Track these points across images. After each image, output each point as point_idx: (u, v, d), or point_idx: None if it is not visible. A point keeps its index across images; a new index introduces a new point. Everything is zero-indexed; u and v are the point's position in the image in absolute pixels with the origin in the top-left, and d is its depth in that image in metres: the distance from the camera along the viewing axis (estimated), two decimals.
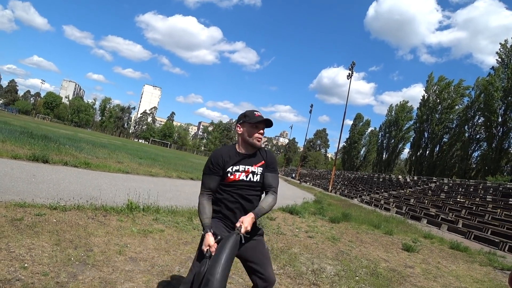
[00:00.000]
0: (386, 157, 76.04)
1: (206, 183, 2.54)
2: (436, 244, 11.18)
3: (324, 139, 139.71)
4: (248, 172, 2.55)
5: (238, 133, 2.61)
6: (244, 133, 2.58)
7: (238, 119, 2.65)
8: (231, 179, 2.51)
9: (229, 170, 2.52)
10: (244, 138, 2.58)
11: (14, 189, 6.30)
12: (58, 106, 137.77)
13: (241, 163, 2.55)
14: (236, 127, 2.64)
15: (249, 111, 2.63)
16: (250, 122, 2.55)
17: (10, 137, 14.61)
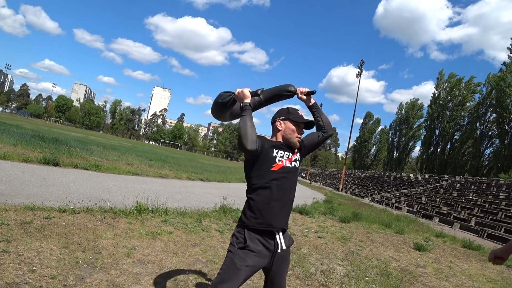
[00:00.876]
0: (397, 155, 75.48)
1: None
2: (448, 243, 11.04)
3: (334, 138, 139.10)
4: (291, 159, 2.45)
5: (278, 129, 2.51)
6: (286, 129, 2.49)
7: (279, 114, 2.54)
8: (279, 165, 2.37)
9: (275, 154, 2.39)
10: (285, 135, 2.48)
11: (25, 192, 6.36)
12: (70, 109, 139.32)
13: (284, 150, 2.44)
14: (276, 121, 2.52)
15: (291, 108, 2.56)
16: (294, 120, 2.48)
17: (22, 140, 14.78)
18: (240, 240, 2.28)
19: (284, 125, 2.49)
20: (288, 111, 2.51)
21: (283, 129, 2.49)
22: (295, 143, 2.48)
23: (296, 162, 2.47)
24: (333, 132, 2.72)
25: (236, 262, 2.22)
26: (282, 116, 2.51)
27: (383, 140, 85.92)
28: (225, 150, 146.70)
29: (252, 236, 2.28)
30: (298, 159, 2.51)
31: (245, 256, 2.24)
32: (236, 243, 2.30)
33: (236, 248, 2.28)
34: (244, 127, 2.28)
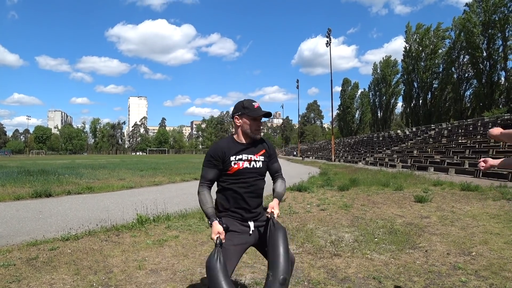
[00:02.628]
0: (381, 115, 76.24)
1: (205, 175, 2.50)
2: (447, 189, 11.27)
3: (317, 111, 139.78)
4: (251, 160, 2.51)
5: (237, 125, 2.54)
6: (243, 125, 2.51)
7: (236, 109, 2.55)
8: (235, 168, 2.47)
9: (232, 159, 2.47)
10: (244, 130, 2.52)
11: (24, 229, 6.31)
12: (49, 138, 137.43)
13: (243, 153, 2.50)
14: (234, 118, 2.55)
15: (247, 101, 2.54)
16: (250, 115, 2.49)
17: (9, 179, 14.59)
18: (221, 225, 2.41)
19: (241, 120, 2.51)
20: (243, 106, 2.51)
21: (241, 125, 2.51)
22: (255, 136, 2.53)
23: (257, 163, 2.53)
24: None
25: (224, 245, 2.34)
26: (238, 111, 2.53)
27: (365, 103, 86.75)
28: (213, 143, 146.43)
29: (229, 220, 2.46)
30: (261, 160, 2.56)
31: (230, 237, 2.39)
32: None
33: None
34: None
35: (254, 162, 2.52)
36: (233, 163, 2.46)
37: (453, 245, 4.92)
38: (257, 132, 2.53)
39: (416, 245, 4.94)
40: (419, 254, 4.53)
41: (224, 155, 2.46)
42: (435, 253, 4.54)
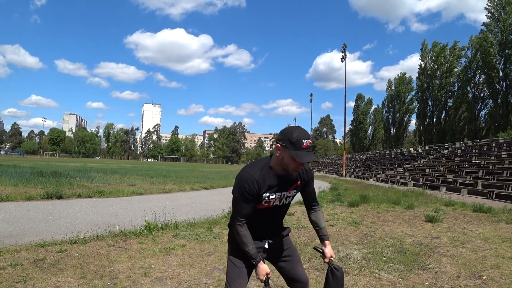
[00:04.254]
0: (394, 132, 75.60)
1: (241, 211, 2.22)
2: (458, 210, 11.09)
3: (330, 126, 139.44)
4: (282, 198, 2.31)
5: (277, 154, 2.21)
6: (284, 159, 2.18)
7: (282, 138, 2.18)
8: (264, 206, 2.28)
9: (264, 197, 2.24)
10: (282, 163, 2.21)
11: (33, 230, 6.36)
12: (63, 140, 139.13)
13: (277, 190, 2.27)
14: (276, 146, 2.22)
15: (297, 134, 2.15)
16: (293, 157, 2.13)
17: (21, 179, 14.76)
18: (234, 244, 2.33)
19: (283, 153, 2.18)
20: (291, 141, 2.13)
21: (281, 157, 2.20)
22: (291, 174, 2.25)
23: (287, 199, 2.37)
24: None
25: (236, 264, 2.30)
26: (283, 143, 2.17)
27: (378, 119, 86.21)
28: (224, 155, 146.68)
29: None
30: (292, 195, 2.38)
31: (241, 256, 2.29)
32: (230, 242, 2.38)
33: (230, 247, 2.37)
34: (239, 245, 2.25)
35: (285, 199, 2.34)
36: (264, 201, 2.26)
37: (464, 267, 4.82)
38: (295, 171, 2.24)
39: (426, 266, 4.85)
40: (428, 275, 4.44)
41: (259, 190, 2.21)
42: (444, 275, 4.45)
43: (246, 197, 2.19)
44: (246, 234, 2.21)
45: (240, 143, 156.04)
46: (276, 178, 2.25)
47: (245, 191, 2.18)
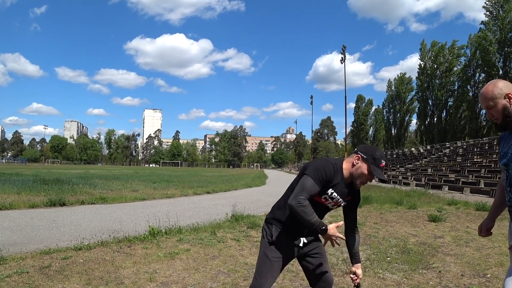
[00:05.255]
0: (395, 132, 75.57)
1: (310, 189, 2.23)
2: (461, 209, 11.09)
3: (331, 127, 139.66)
4: (338, 202, 2.39)
5: (354, 163, 2.34)
6: (359, 168, 2.31)
7: (365, 152, 2.33)
8: (322, 201, 2.36)
9: (329, 192, 2.32)
10: (354, 172, 2.33)
11: (37, 238, 6.38)
12: (65, 147, 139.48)
13: (340, 192, 2.35)
14: (357, 155, 2.34)
15: (379, 153, 2.32)
16: (371, 170, 2.28)
17: (24, 187, 14.79)
18: (269, 234, 2.42)
19: (361, 164, 2.31)
20: (374, 156, 2.28)
21: (357, 166, 2.32)
22: (357, 185, 2.36)
23: (338, 206, 2.46)
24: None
25: (268, 255, 2.37)
26: (365, 155, 2.31)
27: (378, 120, 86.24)
28: (225, 159, 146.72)
29: (280, 232, 2.41)
30: (343, 205, 2.44)
31: (275, 249, 2.37)
32: (266, 236, 2.43)
33: (266, 241, 2.41)
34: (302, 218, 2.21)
35: (337, 205, 2.43)
36: (326, 196, 2.33)
37: (468, 266, 4.83)
38: (362, 183, 2.36)
39: (430, 265, 4.86)
40: (432, 274, 4.45)
41: (331, 180, 2.30)
42: (449, 274, 4.46)
43: (320, 180, 2.25)
44: (308, 204, 2.18)
45: (242, 146, 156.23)
46: (343, 181, 2.35)
47: (322, 174, 2.26)
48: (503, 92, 1.99)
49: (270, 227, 2.44)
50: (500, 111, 2.01)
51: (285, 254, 2.41)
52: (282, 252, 2.38)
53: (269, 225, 2.45)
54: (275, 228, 2.41)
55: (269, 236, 2.40)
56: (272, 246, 2.37)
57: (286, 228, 2.41)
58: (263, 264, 2.38)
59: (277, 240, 2.38)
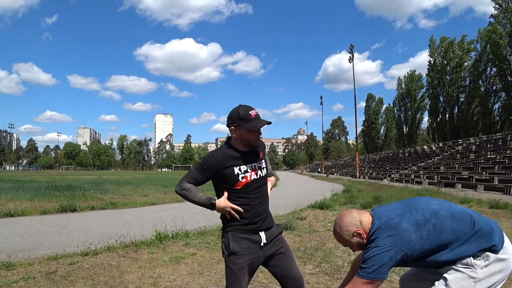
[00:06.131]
0: (406, 130, 74.79)
1: (195, 176, 2.34)
2: (474, 206, 10.92)
3: (342, 127, 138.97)
4: (257, 169, 2.41)
5: (234, 135, 2.38)
6: (242, 136, 2.34)
7: (232, 120, 2.34)
8: (243, 182, 2.34)
9: (238, 172, 2.33)
10: (242, 140, 2.36)
11: (46, 243, 6.46)
12: (78, 154, 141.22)
13: (247, 162, 2.37)
14: (230, 129, 2.37)
15: (243, 110, 2.32)
16: (248, 128, 2.30)
17: (37, 194, 15.02)
18: (225, 247, 2.35)
19: (238, 132, 2.34)
20: (240, 117, 2.30)
21: (238, 136, 2.36)
22: (254, 145, 2.39)
23: (262, 171, 2.45)
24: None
25: (232, 267, 2.28)
26: (234, 123, 2.33)
27: (390, 119, 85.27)
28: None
29: (237, 237, 2.33)
30: (263, 166, 2.47)
31: (236, 259, 2.29)
32: (223, 251, 2.36)
33: (225, 256, 2.34)
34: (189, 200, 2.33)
35: (260, 171, 2.43)
36: (240, 176, 2.34)
37: None
38: (256, 141, 2.39)
39: None
40: None
41: (220, 164, 2.33)
42: None
43: (203, 168, 2.34)
44: (191, 187, 2.29)
45: None
46: (240, 153, 2.37)
47: (205, 162, 2.35)
48: (350, 233, 2.11)
49: (225, 237, 2.38)
50: (356, 248, 2.17)
51: (248, 257, 2.31)
52: (244, 257, 2.30)
53: (223, 237, 2.40)
54: (230, 235, 2.34)
55: (225, 250, 2.34)
56: (230, 257, 2.30)
57: (241, 228, 2.34)
58: (230, 279, 2.32)
59: (236, 248, 2.30)
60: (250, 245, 2.33)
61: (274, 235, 2.45)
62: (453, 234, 1.97)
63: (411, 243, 1.95)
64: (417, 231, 1.97)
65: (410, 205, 2.14)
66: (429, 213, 2.04)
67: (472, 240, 1.98)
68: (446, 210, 2.08)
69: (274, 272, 2.47)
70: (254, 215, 2.35)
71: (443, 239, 1.97)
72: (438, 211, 2.06)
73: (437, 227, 1.99)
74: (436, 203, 2.16)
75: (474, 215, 2.09)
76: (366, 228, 2.10)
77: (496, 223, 2.16)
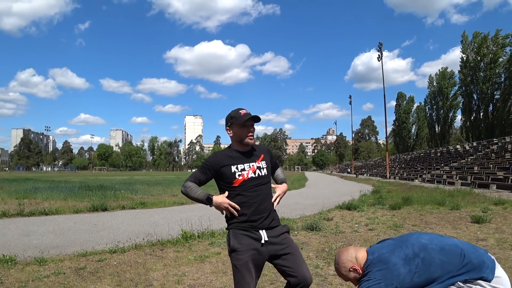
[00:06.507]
0: (439, 130, 72.66)
1: (197, 176, 2.57)
2: (509, 209, 10.49)
3: (372, 127, 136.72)
4: (254, 169, 2.53)
5: (231, 137, 2.60)
6: (235, 134, 2.55)
7: (226, 122, 2.62)
8: (240, 180, 2.48)
9: (234, 170, 2.48)
10: (236, 140, 2.57)
11: (78, 241, 6.69)
12: (111, 155, 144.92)
13: (245, 161, 2.53)
14: (226, 130, 2.62)
15: (234, 111, 2.58)
16: (237, 123, 2.51)
17: (70, 193, 15.55)
18: (229, 244, 2.45)
19: (232, 131, 2.56)
20: (231, 116, 2.57)
21: (233, 135, 2.56)
22: (247, 142, 2.54)
23: (261, 170, 2.56)
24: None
25: (235, 264, 2.39)
26: (228, 123, 2.59)
27: (421, 118, 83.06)
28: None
29: (237, 234, 2.42)
30: (264, 166, 2.58)
31: (237, 256, 2.38)
32: (228, 248, 2.48)
33: (229, 252, 2.46)
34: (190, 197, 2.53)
35: (259, 170, 2.54)
36: (237, 174, 2.48)
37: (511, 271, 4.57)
38: (249, 138, 2.53)
39: None
40: None
41: (220, 163, 2.52)
42: None
43: (204, 167, 2.57)
44: (192, 185, 2.52)
45: (282, 149, 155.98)
46: (239, 152, 2.56)
47: (205, 162, 2.58)
48: (347, 268, 2.29)
49: (228, 236, 2.48)
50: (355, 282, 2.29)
51: (249, 253, 2.38)
52: (245, 253, 2.37)
53: (228, 235, 2.50)
54: (232, 233, 2.45)
55: (229, 247, 2.44)
56: (233, 254, 2.40)
57: (242, 225, 2.44)
58: (235, 276, 2.41)
59: (236, 245, 2.40)
60: (250, 241, 2.41)
61: (278, 233, 2.51)
62: (442, 268, 2.07)
63: (400, 276, 2.05)
64: (406, 265, 2.08)
65: (402, 241, 2.26)
66: (418, 247, 2.15)
67: (462, 272, 2.06)
68: (436, 244, 2.18)
69: (283, 270, 2.51)
70: (252, 212, 2.44)
71: (432, 272, 2.07)
72: (428, 245, 2.16)
73: (426, 260, 2.09)
74: (427, 237, 2.26)
75: (465, 248, 2.16)
76: (361, 263, 2.25)
77: (487, 253, 2.23)
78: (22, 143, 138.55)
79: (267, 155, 2.68)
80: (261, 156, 2.62)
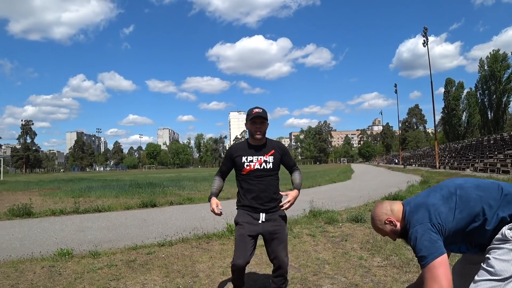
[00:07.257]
0: (492, 116, 68.74)
1: (221, 168, 3.28)
2: None
3: (419, 116, 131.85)
4: (261, 161, 3.03)
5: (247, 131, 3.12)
6: (249, 129, 3.07)
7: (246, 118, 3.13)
8: (247, 169, 3.03)
9: (244, 160, 3.04)
10: (250, 134, 3.08)
11: (128, 235, 7.02)
12: (159, 153, 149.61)
13: (254, 154, 3.05)
14: (245, 125, 3.14)
15: (250, 109, 3.08)
16: (249, 121, 3.03)
17: (121, 191, 16.26)
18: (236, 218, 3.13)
19: (246, 126, 3.11)
20: (247, 114, 3.09)
21: (248, 130, 3.10)
22: (255, 137, 3.04)
23: (267, 164, 3.06)
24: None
25: (236, 235, 3.04)
26: (246, 120, 3.11)
27: (472, 104, 78.91)
28: (311, 156, 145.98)
29: (241, 212, 3.11)
30: (271, 161, 3.07)
31: (239, 228, 3.04)
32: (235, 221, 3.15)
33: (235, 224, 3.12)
34: None
35: (264, 163, 3.04)
36: (245, 164, 3.04)
37: None
38: (256, 133, 3.02)
39: None
40: None
41: (234, 153, 3.12)
42: None
43: (225, 159, 3.26)
44: (217, 180, 3.29)
45: (327, 142, 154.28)
46: (251, 145, 3.10)
47: (226, 154, 3.26)
48: (382, 221, 2.30)
49: (237, 212, 3.14)
50: (393, 236, 2.33)
51: (249, 228, 2.98)
52: (245, 228, 2.98)
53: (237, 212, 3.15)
54: (238, 211, 3.14)
55: (235, 220, 3.11)
56: (237, 226, 3.05)
57: (245, 207, 3.08)
58: (235, 243, 3.02)
59: (240, 219, 3.05)
60: (250, 219, 3.02)
61: (274, 217, 3.06)
62: (481, 202, 2.04)
63: (442, 214, 2.06)
64: (445, 203, 2.09)
65: (436, 187, 2.31)
66: (453, 187, 2.17)
67: (504, 204, 2.02)
68: (471, 182, 2.21)
69: (267, 249, 3.16)
70: (254, 198, 3.03)
71: (471, 206, 2.05)
72: (463, 184, 2.19)
73: (463, 197, 2.09)
74: (462, 179, 2.30)
75: (503, 184, 2.15)
76: (398, 215, 2.26)
77: None
78: (76, 145, 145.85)
79: (278, 152, 3.12)
80: (271, 152, 3.08)
